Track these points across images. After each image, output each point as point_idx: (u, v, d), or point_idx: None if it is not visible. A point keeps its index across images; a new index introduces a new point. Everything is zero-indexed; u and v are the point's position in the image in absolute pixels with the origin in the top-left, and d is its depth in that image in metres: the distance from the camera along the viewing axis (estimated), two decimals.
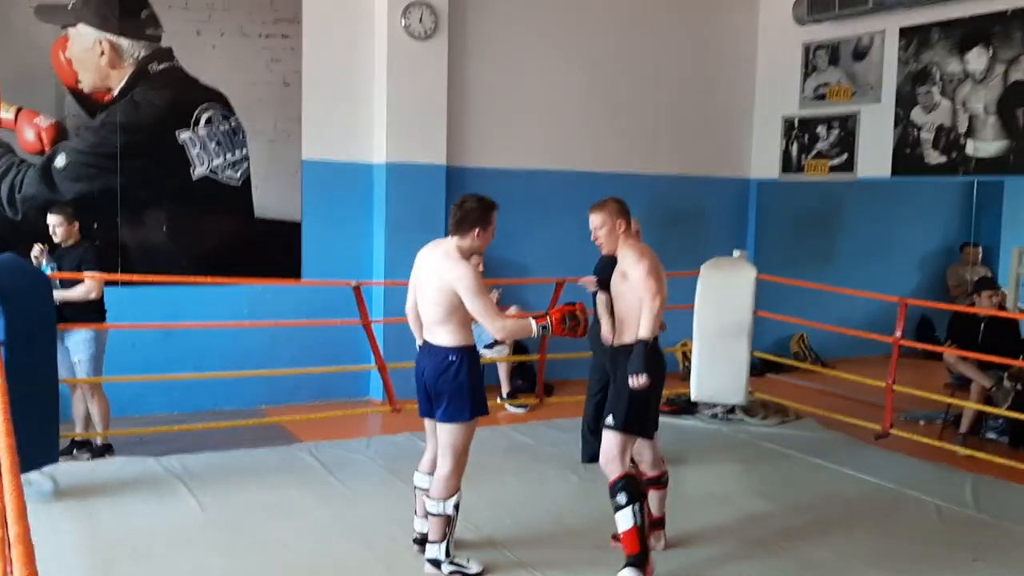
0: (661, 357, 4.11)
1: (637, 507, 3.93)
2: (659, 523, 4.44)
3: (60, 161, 6.56)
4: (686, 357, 8.49)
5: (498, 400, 7.40)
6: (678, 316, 7.57)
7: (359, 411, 7.19)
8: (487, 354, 7.51)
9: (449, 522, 4.05)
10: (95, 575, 4.05)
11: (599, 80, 8.47)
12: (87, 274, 5.63)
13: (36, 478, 5.10)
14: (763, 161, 9.24)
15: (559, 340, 7.41)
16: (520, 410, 7.30)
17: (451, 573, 4.05)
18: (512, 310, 7.52)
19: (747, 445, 6.47)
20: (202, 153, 7.03)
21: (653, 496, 4.35)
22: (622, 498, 3.94)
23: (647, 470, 4.38)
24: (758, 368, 8.12)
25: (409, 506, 4.96)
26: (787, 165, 9.05)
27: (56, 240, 5.76)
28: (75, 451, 5.79)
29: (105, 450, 5.81)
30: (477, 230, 4.00)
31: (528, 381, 7.79)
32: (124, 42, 6.69)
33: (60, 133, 6.56)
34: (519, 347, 7.75)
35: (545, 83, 8.21)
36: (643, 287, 3.95)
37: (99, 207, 6.67)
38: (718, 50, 9.10)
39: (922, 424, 7.05)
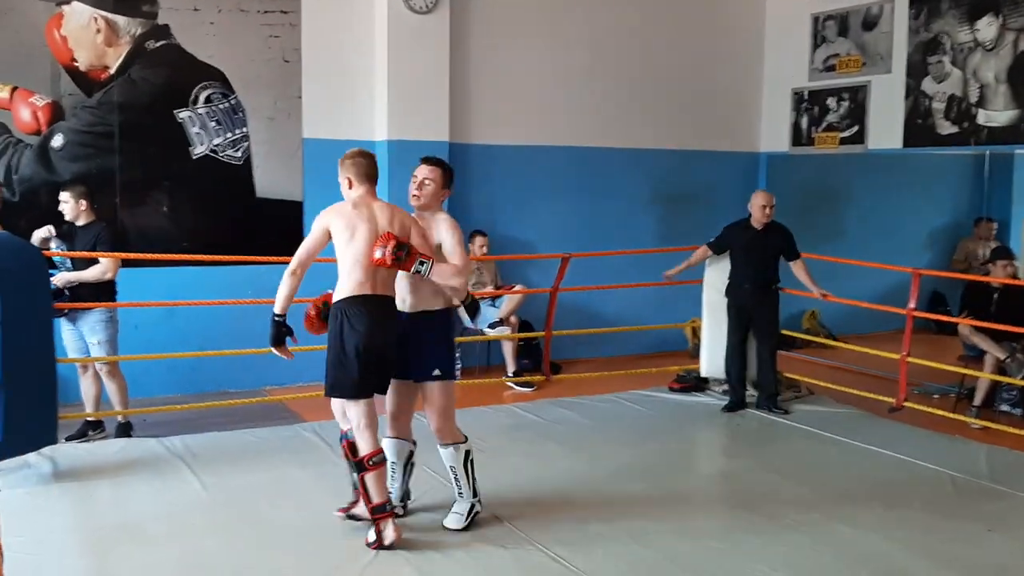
0: (359, 318, 3.90)
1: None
2: (381, 509, 3.96)
3: (57, 141, 6.47)
4: (695, 334, 8.39)
5: (503, 379, 7.32)
6: (687, 292, 7.49)
7: None
8: (491, 333, 7.43)
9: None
10: (94, 557, 3.98)
11: (604, 53, 8.33)
12: (97, 254, 5.57)
13: (35, 460, 5.03)
14: (773, 134, 9.10)
15: (564, 318, 7.38)
16: (526, 389, 7.21)
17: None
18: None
19: (759, 421, 6.36)
20: (201, 132, 6.94)
21: (369, 479, 3.94)
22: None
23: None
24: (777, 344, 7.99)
25: (416, 485, 4.91)
26: (797, 138, 8.92)
27: (66, 217, 5.68)
28: (90, 432, 5.73)
29: (126, 429, 5.76)
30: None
31: (534, 360, 7.69)
32: (120, 19, 6.59)
33: (57, 113, 6.47)
34: (524, 326, 7.65)
35: (549, 57, 8.08)
36: None
37: (97, 188, 6.53)
38: (726, 22, 8.95)
39: (936, 398, 6.93)
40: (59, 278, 5.53)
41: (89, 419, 5.78)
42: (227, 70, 6.98)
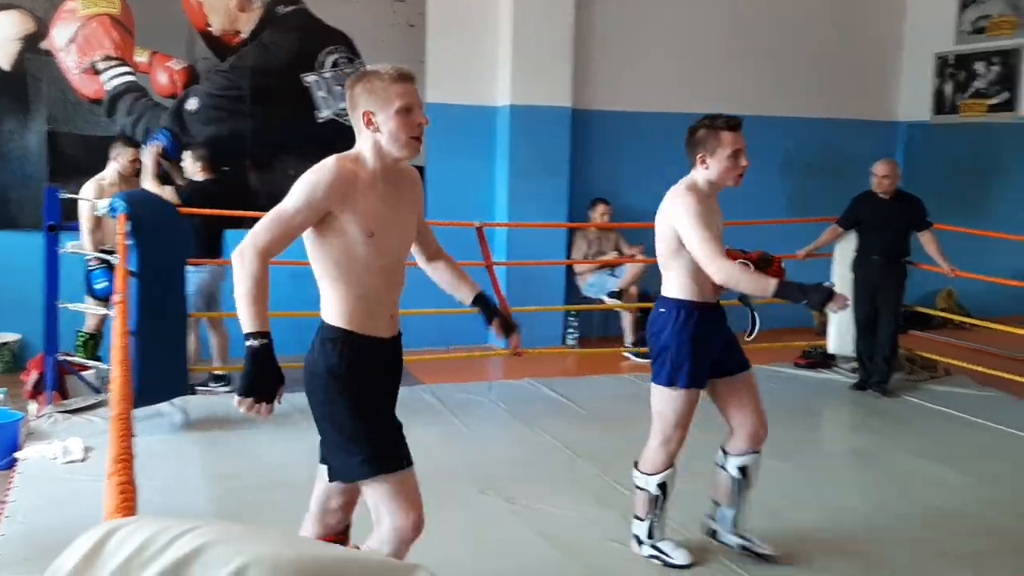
0: None
1: None
2: None
3: (192, 104, 6.66)
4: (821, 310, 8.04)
5: (620, 349, 7.18)
6: (813, 267, 7.14)
7: (480, 355, 7.10)
8: (609, 302, 7.29)
9: (654, 502, 3.56)
10: (222, 503, 4.08)
11: (736, 15, 8.02)
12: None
13: (167, 409, 5.20)
14: (914, 102, 8.60)
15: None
16: (644, 360, 7.01)
17: (649, 556, 3.60)
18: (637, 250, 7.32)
19: (892, 400, 6.03)
20: (327, 97, 7.01)
21: None
22: None
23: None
24: (901, 323, 7.58)
25: (531, 448, 4.85)
26: (940, 106, 8.40)
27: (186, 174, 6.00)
28: (210, 384, 5.95)
29: (225, 381, 5.96)
30: (700, 155, 3.49)
31: None
32: None
33: (192, 76, 6.65)
34: (644, 297, 7.47)
35: (679, 19, 7.82)
36: None
37: (229, 150, 6.74)
38: None
39: None
40: None
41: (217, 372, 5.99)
42: (353, 34, 7.03)
